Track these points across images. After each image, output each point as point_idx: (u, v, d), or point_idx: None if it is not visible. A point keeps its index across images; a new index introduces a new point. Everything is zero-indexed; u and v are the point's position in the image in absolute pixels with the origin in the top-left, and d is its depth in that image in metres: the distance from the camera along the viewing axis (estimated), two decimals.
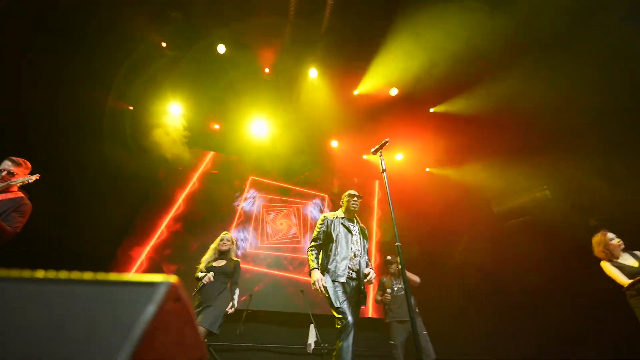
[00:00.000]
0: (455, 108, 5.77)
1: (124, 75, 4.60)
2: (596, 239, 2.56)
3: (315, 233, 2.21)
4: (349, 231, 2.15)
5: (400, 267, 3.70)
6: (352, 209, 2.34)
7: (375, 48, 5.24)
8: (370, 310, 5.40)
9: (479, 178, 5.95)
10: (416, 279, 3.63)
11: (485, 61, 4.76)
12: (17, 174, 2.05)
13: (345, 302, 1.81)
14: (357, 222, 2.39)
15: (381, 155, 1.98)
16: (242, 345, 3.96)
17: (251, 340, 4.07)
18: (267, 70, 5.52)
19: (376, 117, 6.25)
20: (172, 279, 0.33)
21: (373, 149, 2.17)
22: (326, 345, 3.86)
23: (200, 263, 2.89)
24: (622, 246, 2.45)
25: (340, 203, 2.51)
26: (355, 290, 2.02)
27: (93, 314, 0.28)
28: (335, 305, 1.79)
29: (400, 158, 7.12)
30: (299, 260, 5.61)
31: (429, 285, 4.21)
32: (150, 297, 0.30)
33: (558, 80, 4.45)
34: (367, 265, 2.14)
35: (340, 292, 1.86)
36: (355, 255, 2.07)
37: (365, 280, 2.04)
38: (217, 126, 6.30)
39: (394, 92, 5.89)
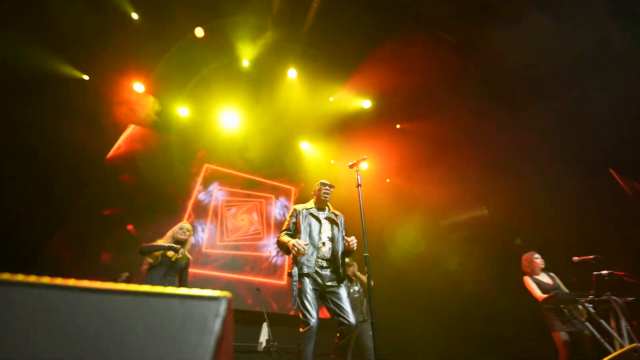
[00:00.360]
0: (420, 128, 6.25)
1: (83, 42, 4.15)
2: (525, 256, 3.03)
3: (285, 225, 2.22)
4: (318, 220, 2.17)
5: (355, 270, 3.94)
6: (323, 198, 2.34)
7: (356, 59, 5.46)
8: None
9: (431, 194, 6.51)
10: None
11: (448, 91, 5.26)
12: None
13: (311, 301, 1.78)
14: (329, 209, 2.40)
15: (357, 170, 2.08)
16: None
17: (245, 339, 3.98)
18: (245, 62, 5.40)
19: (348, 125, 6.48)
20: (227, 294, 0.40)
21: (350, 163, 2.28)
22: (276, 343, 3.90)
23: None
24: (543, 266, 2.93)
25: (312, 193, 2.48)
26: (332, 277, 1.95)
27: (173, 326, 0.34)
28: (301, 305, 1.78)
29: (365, 167, 7.46)
30: (258, 260, 5.56)
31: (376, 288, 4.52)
32: (218, 311, 0.36)
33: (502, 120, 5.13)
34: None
35: (309, 289, 1.83)
36: (324, 244, 2.04)
37: (349, 247, 2.04)
38: (183, 111, 5.97)
39: (366, 104, 6.16)
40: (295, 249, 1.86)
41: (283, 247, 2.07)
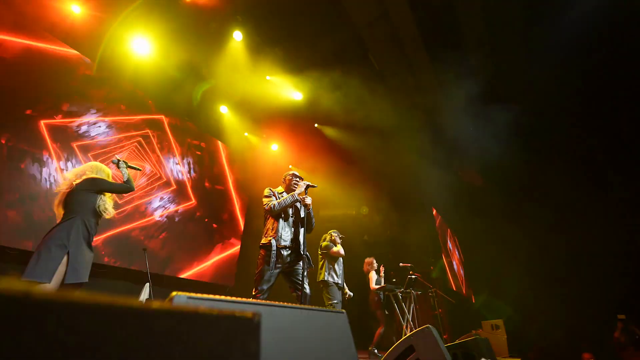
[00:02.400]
0: (334, 133, 7.24)
1: None
2: (368, 260, 4.40)
3: (267, 200, 2.36)
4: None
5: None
6: (293, 188, 2.55)
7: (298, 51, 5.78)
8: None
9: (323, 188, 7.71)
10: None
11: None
12: None
13: (268, 286, 2.10)
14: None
15: (306, 192, 2.45)
16: None
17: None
18: None
19: (272, 106, 6.66)
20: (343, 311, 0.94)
21: (307, 183, 2.51)
22: (153, 299, 3.97)
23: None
24: (376, 267, 4.38)
25: (283, 181, 2.68)
26: (293, 258, 2.25)
27: (337, 332, 0.86)
28: (259, 286, 2.08)
29: (275, 148, 7.90)
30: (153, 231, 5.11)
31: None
32: (347, 323, 0.90)
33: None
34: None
35: (270, 272, 2.11)
36: (294, 225, 2.36)
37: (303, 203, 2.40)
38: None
39: (298, 96, 6.55)
40: (306, 201, 2.34)
41: (284, 204, 2.33)
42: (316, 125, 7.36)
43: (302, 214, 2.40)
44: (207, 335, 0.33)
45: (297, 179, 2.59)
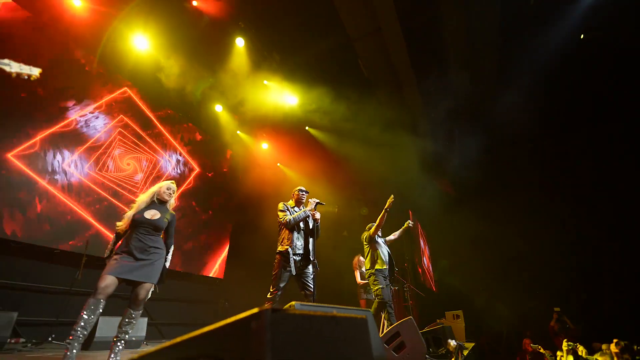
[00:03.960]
0: (322, 137, 7.69)
1: None
2: (355, 259, 4.97)
3: (282, 215, 2.77)
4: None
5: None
6: (301, 200, 2.98)
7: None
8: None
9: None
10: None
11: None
12: None
13: (283, 285, 2.57)
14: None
15: (315, 208, 2.89)
16: (81, 291, 3.56)
17: (90, 286, 3.69)
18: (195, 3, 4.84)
19: (267, 109, 6.95)
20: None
21: (316, 201, 2.89)
22: (156, 292, 4.26)
23: (130, 208, 2.36)
24: (362, 263, 4.98)
25: (292, 195, 3.05)
26: (303, 263, 2.68)
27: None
28: (276, 285, 2.54)
29: (265, 147, 8.20)
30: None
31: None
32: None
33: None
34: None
35: (286, 274, 2.55)
36: (306, 236, 2.78)
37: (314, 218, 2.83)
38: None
39: (293, 101, 6.89)
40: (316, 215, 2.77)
41: (297, 219, 2.73)
42: (307, 128, 7.74)
43: (311, 226, 2.87)
44: (339, 331, 0.79)
45: (304, 193, 3.03)
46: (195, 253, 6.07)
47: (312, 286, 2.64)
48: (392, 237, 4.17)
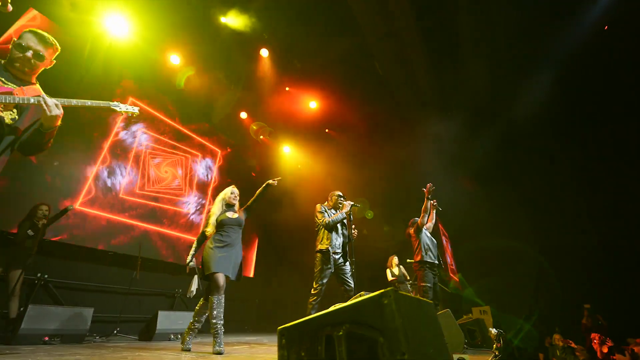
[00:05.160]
0: (343, 139, 7.90)
1: None
2: (390, 257, 5.15)
3: (320, 216, 2.99)
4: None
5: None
6: (339, 205, 3.18)
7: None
8: None
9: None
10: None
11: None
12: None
13: (325, 282, 2.78)
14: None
15: (350, 213, 3.11)
16: (138, 290, 3.97)
17: (146, 285, 4.12)
18: (224, 19, 5.16)
19: (289, 114, 7.23)
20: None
21: (351, 203, 3.08)
22: (201, 289, 4.63)
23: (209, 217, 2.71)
24: (397, 263, 5.14)
25: (329, 199, 3.26)
26: (342, 261, 2.89)
27: None
28: (319, 282, 2.75)
29: (287, 150, 8.49)
30: (176, 215, 5.65)
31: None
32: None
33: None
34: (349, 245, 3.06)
35: (327, 271, 2.75)
36: (343, 236, 3.00)
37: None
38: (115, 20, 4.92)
39: (312, 104, 7.13)
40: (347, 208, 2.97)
41: (336, 221, 2.95)
42: (327, 130, 7.96)
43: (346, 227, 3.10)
44: (432, 313, 1.01)
45: (342, 199, 3.24)
46: None
47: (351, 282, 2.86)
48: (430, 224, 4.07)
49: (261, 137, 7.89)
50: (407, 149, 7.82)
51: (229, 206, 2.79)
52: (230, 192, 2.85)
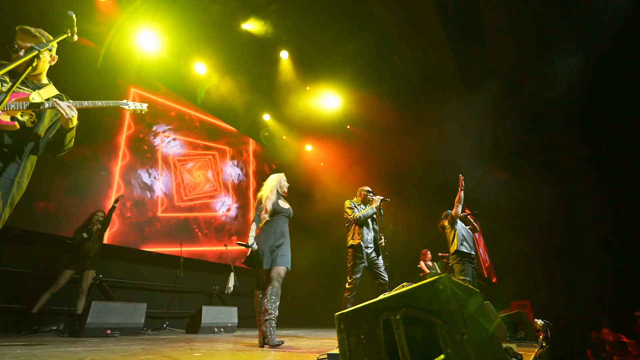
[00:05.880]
0: (366, 136, 7.86)
1: None
2: (423, 251, 5.12)
3: (350, 212, 3.02)
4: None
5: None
6: (368, 200, 3.18)
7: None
8: None
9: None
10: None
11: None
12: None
13: (359, 276, 2.83)
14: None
15: (381, 207, 3.13)
16: (182, 287, 4.29)
17: (188, 282, 4.46)
18: (244, 26, 5.33)
19: (311, 113, 7.32)
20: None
21: (381, 198, 3.11)
22: (237, 286, 4.82)
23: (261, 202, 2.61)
24: (430, 257, 5.11)
25: (359, 194, 3.28)
26: (374, 255, 2.92)
27: None
28: (353, 276, 2.81)
29: (309, 149, 8.61)
30: (213, 222, 5.89)
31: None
32: None
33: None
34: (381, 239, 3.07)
35: (360, 265, 2.79)
36: (374, 231, 3.03)
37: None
38: (153, 43, 5.25)
39: (334, 102, 7.17)
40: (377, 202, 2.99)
41: (367, 216, 2.98)
42: (348, 127, 7.97)
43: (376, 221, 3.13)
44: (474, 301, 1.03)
45: (371, 194, 3.26)
46: None
47: (385, 276, 2.89)
48: (463, 213, 3.91)
49: (284, 137, 8.07)
50: (432, 141, 7.64)
51: (280, 195, 2.73)
52: (284, 182, 2.77)
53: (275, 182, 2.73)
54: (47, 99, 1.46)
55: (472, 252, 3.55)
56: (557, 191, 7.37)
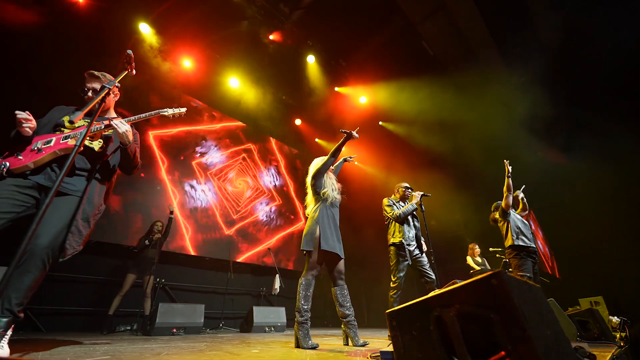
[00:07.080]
0: (398, 130, 7.65)
1: None
2: (470, 245, 4.86)
3: (389, 209, 2.98)
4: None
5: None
6: (407, 196, 3.14)
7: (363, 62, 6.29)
8: None
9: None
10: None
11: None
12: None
13: (403, 275, 2.79)
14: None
15: (421, 203, 3.03)
16: (233, 290, 4.63)
17: (238, 284, 4.81)
18: (271, 37, 5.54)
19: (341, 113, 7.33)
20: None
21: (421, 193, 3.01)
22: (283, 287, 5.01)
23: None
24: (479, 252, 4.82)
25: (396, 191, 3.25)
26: (417, 253, 2.86)
27: None
28: (397, 275, 2.79)
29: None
30: (257, 225, 6.20)
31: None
32: None
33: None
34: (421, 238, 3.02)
35: (404, 263, 2.75)
36: (415, 228, 2.99)
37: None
38: (187, 63, 5.70)
39: (362, 99, 7.10)
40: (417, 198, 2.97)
41: (407, 212, 2.93)
42: (380, 123, 7.82)
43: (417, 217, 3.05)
44: (541, 295, 0.97)
45: (410, 190, 3.18)
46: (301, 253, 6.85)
47: (431, 274, 2.79)
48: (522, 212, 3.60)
49: (316, 139, 8.18)
50: (473, 127, 7.16)
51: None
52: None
53: (323, 165, 2.59)
54: (102, 120, 1.67)
55: (532, 245, 3.19)
56: (625, 170, 6.46)
